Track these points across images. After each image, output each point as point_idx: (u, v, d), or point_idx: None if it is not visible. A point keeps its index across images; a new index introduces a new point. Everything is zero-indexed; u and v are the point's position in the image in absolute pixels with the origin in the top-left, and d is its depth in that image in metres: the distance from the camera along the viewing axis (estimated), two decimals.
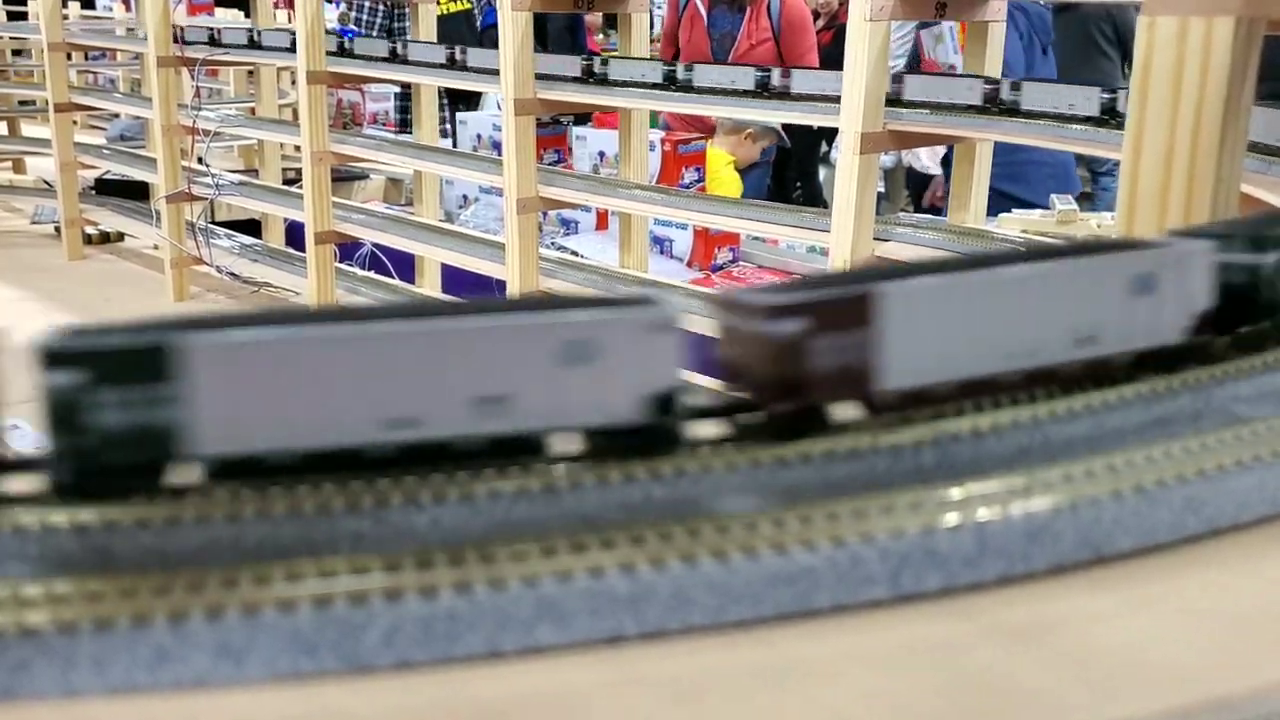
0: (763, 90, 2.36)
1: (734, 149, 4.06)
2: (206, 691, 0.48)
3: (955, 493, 0.60)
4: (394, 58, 2.88)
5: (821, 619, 0.53)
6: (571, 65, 2.60)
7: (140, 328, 0.57)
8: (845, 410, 0.67)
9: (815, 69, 3.75)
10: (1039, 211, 3.53)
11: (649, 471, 0.62)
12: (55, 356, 0.56)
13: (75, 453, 0.56)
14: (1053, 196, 3.76)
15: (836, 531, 0.56)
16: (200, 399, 0.56)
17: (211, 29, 3.38)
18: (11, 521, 0.55)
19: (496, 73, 2.56)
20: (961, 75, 2.30)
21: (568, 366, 0.60)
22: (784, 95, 2.33)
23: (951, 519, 0.58)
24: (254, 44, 3.23)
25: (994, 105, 2.00)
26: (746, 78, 2.39)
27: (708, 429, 0.66)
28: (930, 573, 0.56)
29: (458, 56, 2.76)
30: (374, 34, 4.98)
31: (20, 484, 0.58)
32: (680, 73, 2.52)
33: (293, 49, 2.99)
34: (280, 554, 0.54)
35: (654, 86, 2.53)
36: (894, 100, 2.18)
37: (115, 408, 0.55)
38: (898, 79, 2.21)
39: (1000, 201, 3.49)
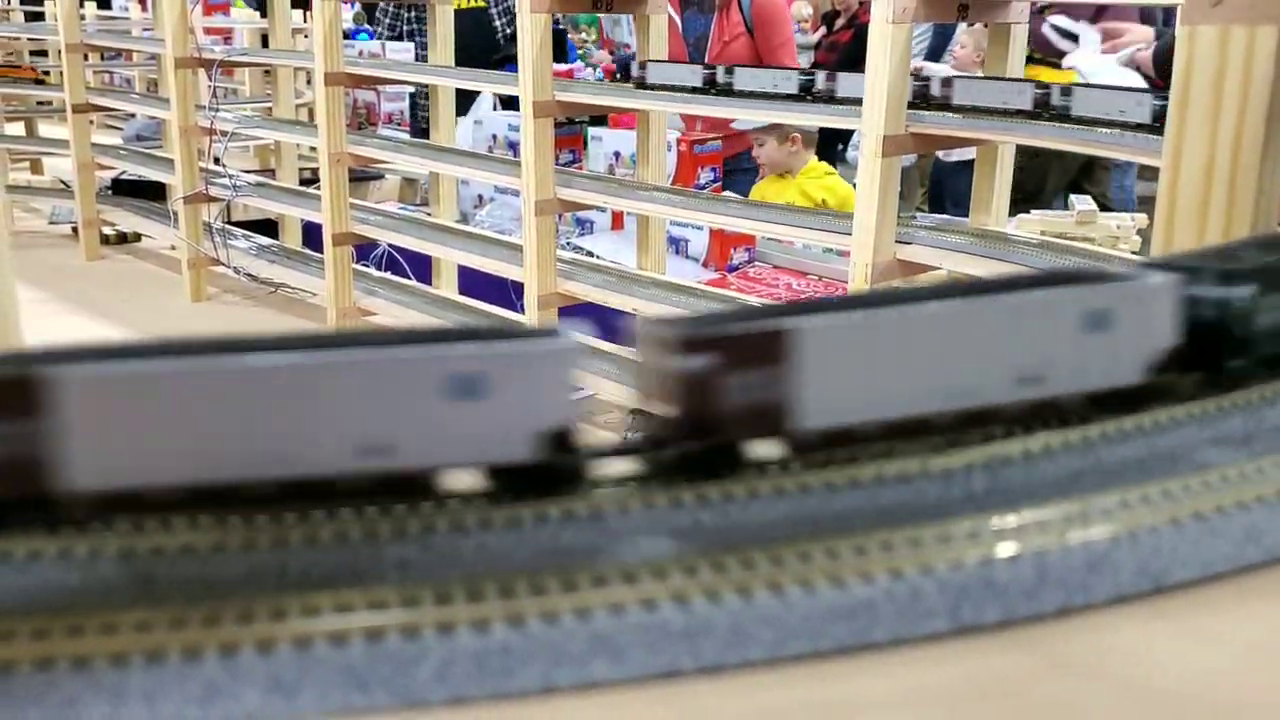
0: (805, 94, 2.35)
1: (786, 158, 3.95)
2: None
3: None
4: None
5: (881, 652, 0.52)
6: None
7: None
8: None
9: (786, 67, 3.74)
10: (1056, 212, 3.51)
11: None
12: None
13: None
14: (1072, 198, 3.75)
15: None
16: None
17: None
18: None
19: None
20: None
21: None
22: (830, 99, 2.31)
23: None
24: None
25: (1045, 110, 1.97)
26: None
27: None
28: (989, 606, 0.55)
29: None
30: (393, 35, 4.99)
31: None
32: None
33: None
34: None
35: (690, 90, 2.53)
36: (942, 104, 2.15)
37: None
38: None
39: None
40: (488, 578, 0.53)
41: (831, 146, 5.44)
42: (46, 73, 3.43)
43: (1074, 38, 3.95)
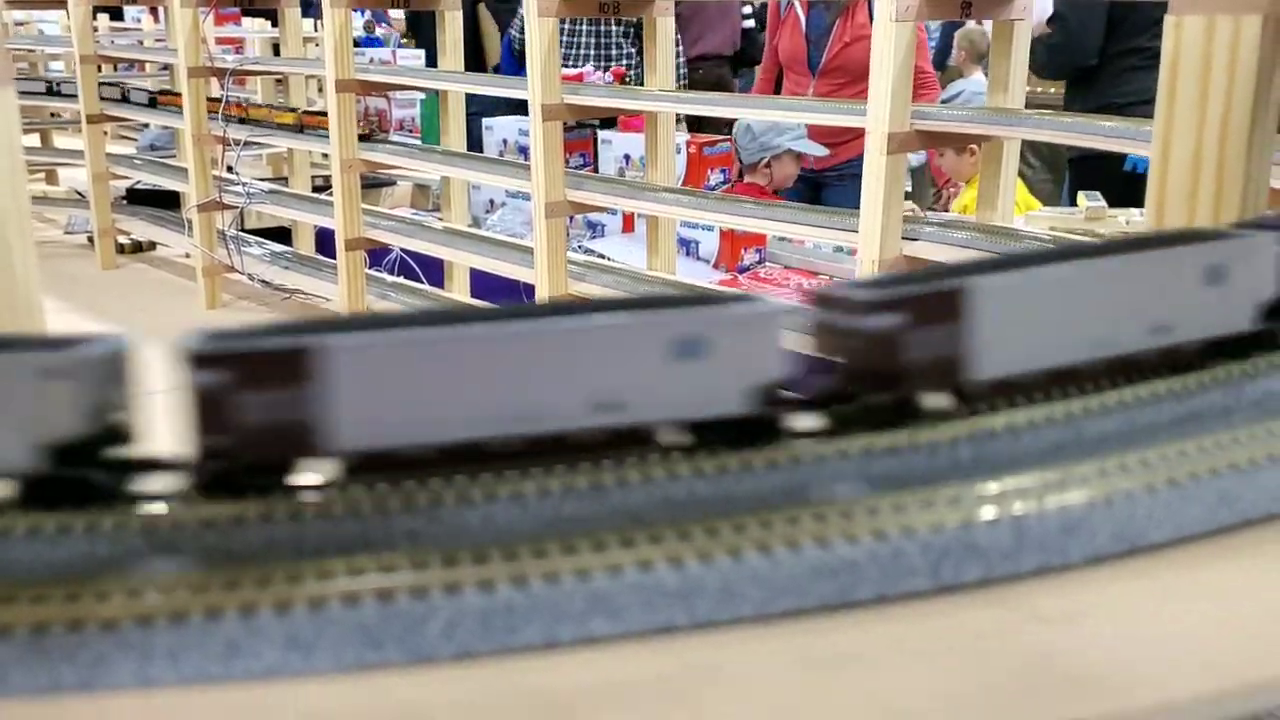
0: None
1: (968, 169, 3.91)
2: (277, 683, 0.50)
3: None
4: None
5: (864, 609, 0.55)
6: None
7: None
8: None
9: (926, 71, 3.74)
10: (1065, 209, 3.53)
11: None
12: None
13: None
14: (1080, 194, 3.76)
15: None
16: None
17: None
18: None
19: None
20: None
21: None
22: None
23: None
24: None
25: None
26: None
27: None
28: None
29: None
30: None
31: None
32: None
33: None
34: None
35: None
36: None
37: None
38: None
39: None
40: (493, 544, 0.56)
41: None
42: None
43: None
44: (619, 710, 0.47)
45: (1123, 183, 3.42)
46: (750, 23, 5.51)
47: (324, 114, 3.15)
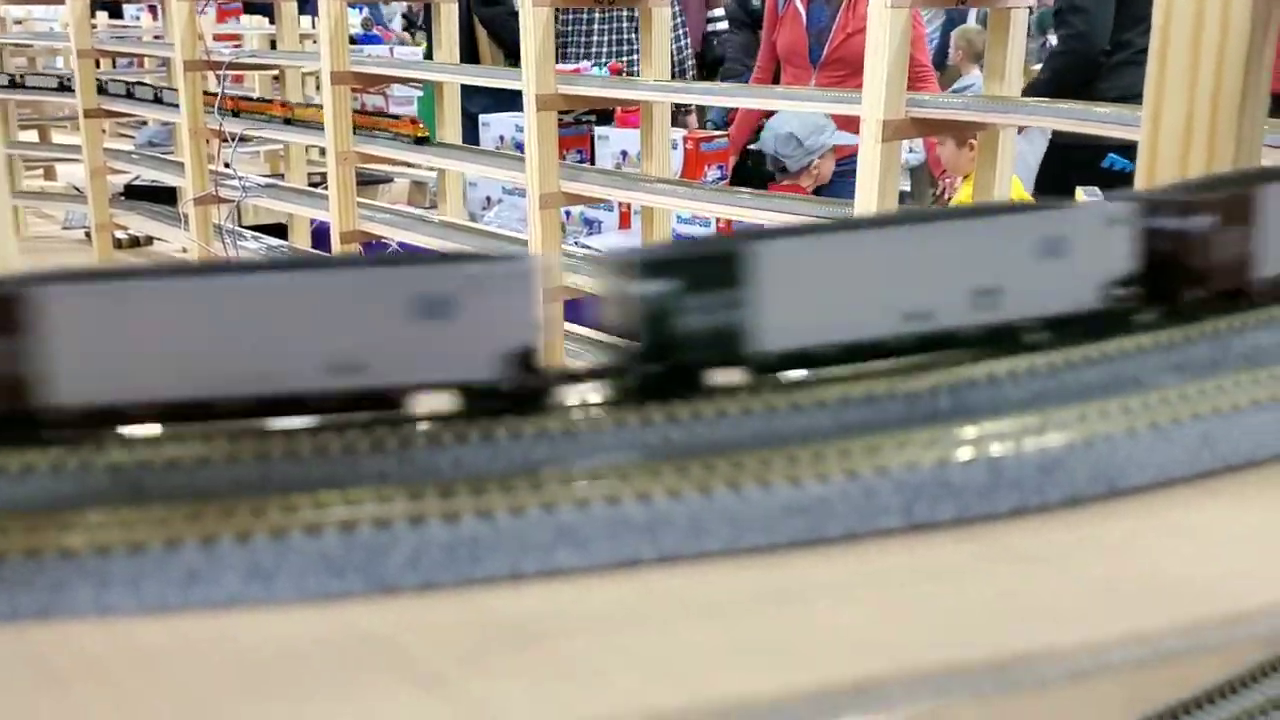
0: None
1: (966, 163, 3.86)
2: (238, 610, 0.49)
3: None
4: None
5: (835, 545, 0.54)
6: None
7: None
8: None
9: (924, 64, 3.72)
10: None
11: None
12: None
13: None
14: (1078, 189, 3.75)
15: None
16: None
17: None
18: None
19: None
20: None
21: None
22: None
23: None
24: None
25: None
26: None
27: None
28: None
29: None
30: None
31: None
32: None
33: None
34: None
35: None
36: None
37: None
38: None
39: None
40: (460, 480, 0.55)
41: None
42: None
43: None
44: (587, 635, 0.46)
45: (1102, 183, 3.41)
46: (722, 25, 5.48)
47: (319, 107, 3.15)
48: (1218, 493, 0.60)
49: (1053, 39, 4.78)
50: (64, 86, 4.06)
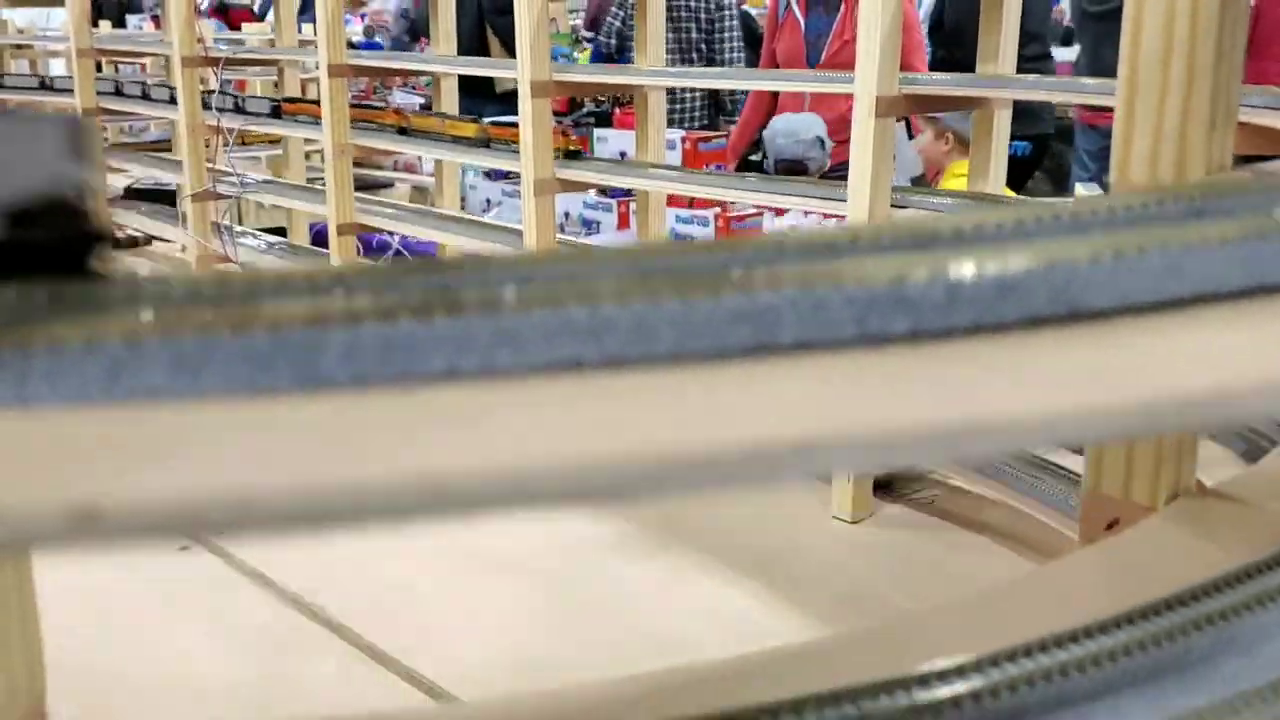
0: None
1: (938, 156, 3.83)
2: (162, 404, 0.48)
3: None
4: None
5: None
6: None
7: None
8: None
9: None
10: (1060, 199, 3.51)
11: None
12: None
13: None
14: (1077, 184, 3.77)
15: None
16: None
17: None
18: None
19: None
20: None
21: None
22: None
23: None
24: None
25: None
26: None
27: None
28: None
29: None
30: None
31: None
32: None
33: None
34: None
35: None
36: None
37: None
38: None
39: None
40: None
41: None
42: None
43: None
44: (526, 413, 0.45)
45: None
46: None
47: (315, 102, 3.15)
48: (1184, 319, 0.59)
49: None
50: (45, 85, 4.09)
